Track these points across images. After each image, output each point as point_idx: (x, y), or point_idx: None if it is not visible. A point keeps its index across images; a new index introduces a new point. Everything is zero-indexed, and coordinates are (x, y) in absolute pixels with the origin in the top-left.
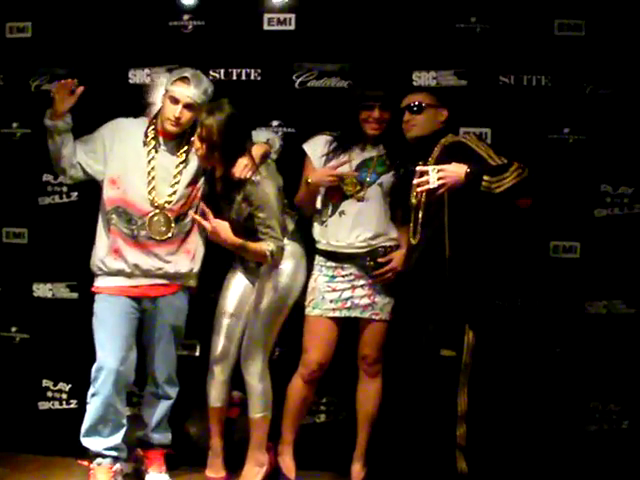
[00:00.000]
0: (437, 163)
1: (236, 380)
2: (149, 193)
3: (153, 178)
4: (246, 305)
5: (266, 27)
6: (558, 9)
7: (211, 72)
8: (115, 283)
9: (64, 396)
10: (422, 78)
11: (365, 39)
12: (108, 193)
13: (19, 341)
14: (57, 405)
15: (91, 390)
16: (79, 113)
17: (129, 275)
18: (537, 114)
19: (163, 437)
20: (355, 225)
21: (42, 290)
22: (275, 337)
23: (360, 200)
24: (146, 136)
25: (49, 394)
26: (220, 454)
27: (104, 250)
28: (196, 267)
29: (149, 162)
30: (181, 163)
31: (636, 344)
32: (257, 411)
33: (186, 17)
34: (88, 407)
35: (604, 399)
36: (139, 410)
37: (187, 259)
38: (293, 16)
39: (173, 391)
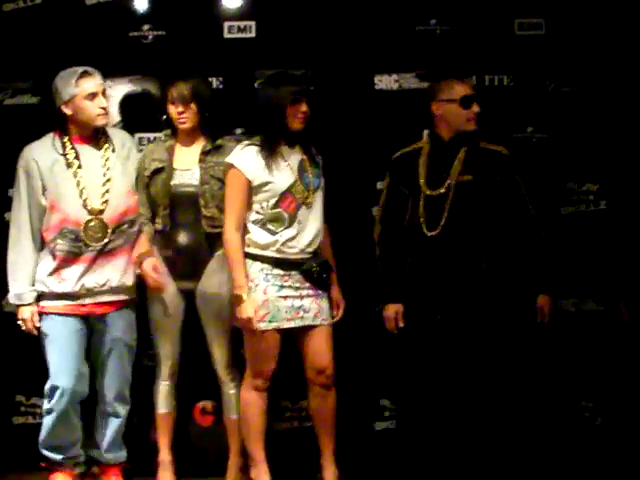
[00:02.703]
0: (469, 171)
1: (206, 389)
2: (83, 201)
3: (84, 188)
4: (179, 310)
5: (227, 35)
6: (518, 9)
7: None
8: (61, 303)
9: (38, 410)
10: (384, 81)
11: (326, 44)
12: (50, 221)
13: None
14: (31, 420)
15: (46, 406)
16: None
17: (75, 296)
18: (501, 114)
19: (118, 456)
20: (307, 231)
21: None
22: None
23: (309, 206)
24: (64, 148)
25: (22, 409)
26: (170, 467)
27: (46, 271)
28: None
29: (75, 173)
30: (106, 161)
31: (605, 341)
32: (235, 412)
33: (146, 27)
34: (44, 422)
35: (577, 395)
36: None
37: (130, 271)
38: (253, 23)
39: (123, 409)
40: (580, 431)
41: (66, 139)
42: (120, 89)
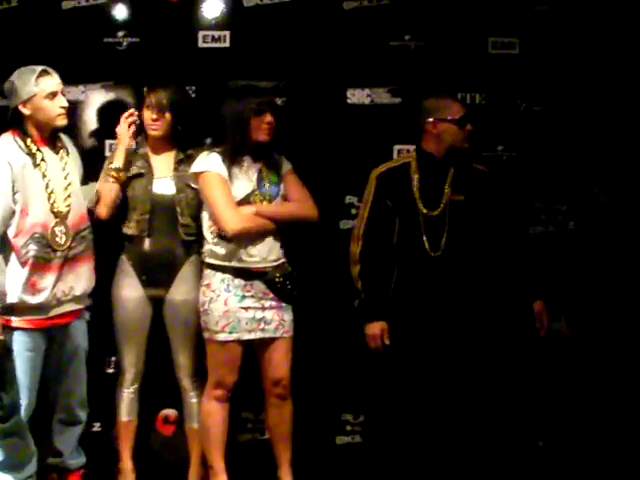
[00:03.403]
0: (459, 191)
1: (169, 398)
2: (51, 204)
3: (52, 191)
4: (146, 317)
5: (201, 44)
6: (492, 27)
7: (146, 89)
8: (29, 317)
9: None
10: (356, 95)
11: (300, 57)
12: (20, 224)
13: None
14: None
15: (2, 428)
16: None
17: (46, 308)
18: (472, 131)
19: (80, 460)
20: (267, 240)
21: None
22: None
23: None
24: (28, 149)
25: None
26: (131, 475)
27: (19, 286)
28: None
29: (43, 175)
30: (65, 164)
31: (572, 363)
32: (197, 421)
33: (121, 34)
34: (2, 445)
35: None
36: None
37: (91, 278)
38: (228, 33)
39: (85, 414)
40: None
41: (29, 140)
42: (93, 95)
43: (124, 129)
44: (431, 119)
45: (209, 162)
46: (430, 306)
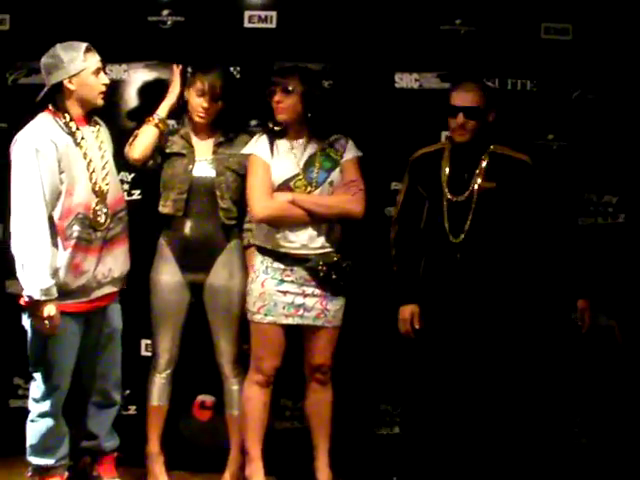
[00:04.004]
0: (492, 178)
1: (206, 383)
2: (93, 184)
3: (94, 171)
4: (184, 302)
5: (247, 24)
6: (545, 12)
7: (189, 69)
8: (71, 301)
9: None
10: (404, 80)
11: (348, 39)
12: (65, 204)
13: None
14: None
15: (39, 409)
16: None
17: (87, 290)
18: (522, 119)
19: (114, 443)
20: (307, 227)
21: (15, 287)
22: None
23: None
24: (69, 128)
25: (20, 392)
26: (160, 460)
27: (62, 269)
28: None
29: (84, 155)
30: (101, 143)
31: (615, 356)
32: (237, 408)
33: (165, 12)
34: (35, 427)
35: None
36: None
37: (127, 260)
38: (274, 14)
39: (119, 396)
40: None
41: (68, 118)
42: (136, 74)
43: (177, 81)
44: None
45: (255, 145)
46: (452, 292)
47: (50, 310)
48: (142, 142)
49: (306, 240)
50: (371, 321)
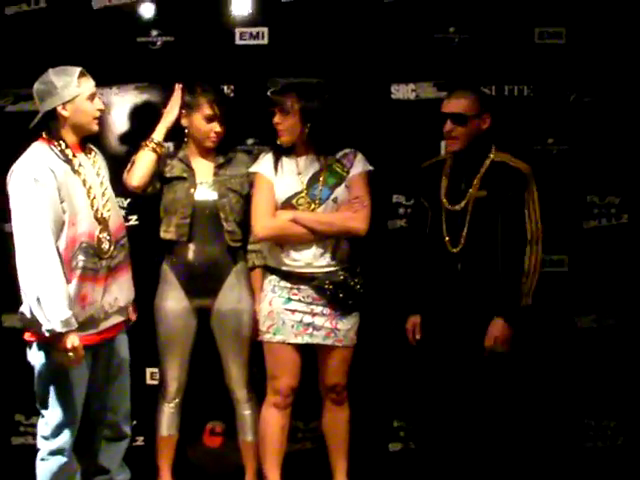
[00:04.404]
0: (485, 187)
1: (214, 409)
2: (94, 211)
3: (94, 198)
4: (191, 329)
5: (238, 42)
6: (538, 17)
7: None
8: (81, 333)
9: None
10: (401, 91)
11: (341, 52)
12: (69, 234)
13: None
14: (31, 440)
15: (49, 447)
16: None
17: (95, 322)
18: (520, 125)
19: (125, 476)
20: (312, 246)
21: (11, 320)
22: None
23: None
24: (65, 156)
25: (22, 429)
26: None
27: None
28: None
29: (83, 182)
30: (99, 170)
31: (627, 357)
32: (251, 433)
33: (154, 33)
34: (46, 466)
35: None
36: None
37: (131, 288)
38: (266, 30)
39: (129, 428)
40: (603, 450)
41: (64, 146)
42: (126, 96)
43: (176, 101)
44: None
45: (260, 163)
46: (451, 302)
47: (73, 341)
48: (140, 169)
49: (310, 258)
50: (381, 336)
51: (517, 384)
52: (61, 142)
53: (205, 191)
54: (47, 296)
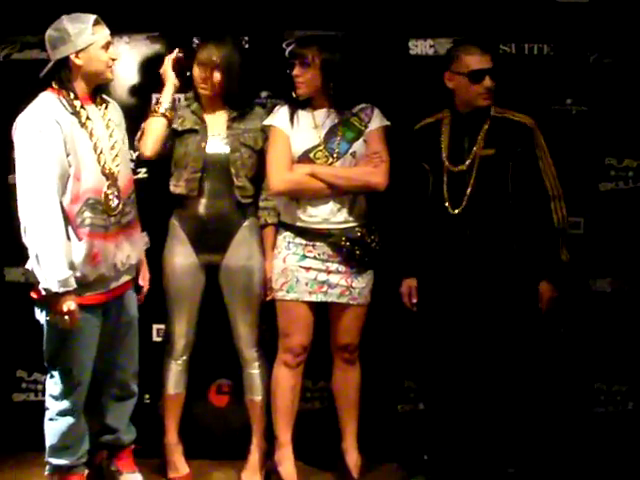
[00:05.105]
0: (491, 144)
1: (221, 368)
2: (101, 166)
3: (101, 152)
4: (199, 285)
5: None
6: None
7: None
8: (90, 293)
9: (39, 387)
10: (419, 47)
11: (359, 5)
12: (74, 190)
13: None
14: (33, 397)
15: (58, 407)
16: None
17: (106, 281)
18: (539, 84)
19: (132, 434)
20: (330, 201)
21: (13, 274)
22: None
23: None
24: (73, 108)
25: (24, 385)
26: (179, 450)
27: (78, 260)
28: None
29: (90, 135)
30: (109, 122)
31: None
32: (259, 393)
33: None
34: (55, 426)
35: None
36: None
37: (142, 244)
38: None
39: (136, 386)
40: (613, 415)
41: (72, 96)
42: (137, 47)
43: (168, 67)
44: (447, 71)
45: (275, 116)
46: (452, 265)
47: (69, 304)
48: (152, 137)
49: (327, 214)
50: (392, 296)
51: (532, 346)
52: (70, 93)
53: (217, 145)
54: (46, 253)
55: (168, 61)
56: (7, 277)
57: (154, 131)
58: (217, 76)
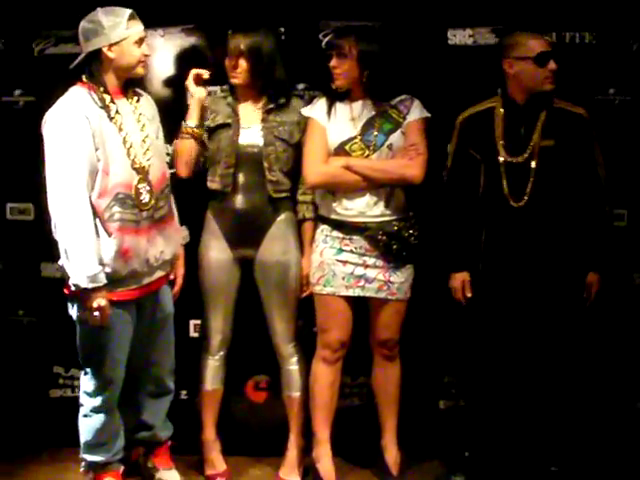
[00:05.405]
0: (550, 135)
1: (259, 363)
2: (131, 160)
3: (131, 146)
4: (234, 279)
5: None
6: None
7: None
8: (122, 288)
9: (76, 383)
10: (457, 36)
11: None
12: (102, 184)
13: (27, 324)
14: (69, 393)
15: (92, 404)
16: None
17: (138, 276)
18: (581, 73)
19: (168, 430)
20: (366, 193)
21: (50, 270)
22: None
23: None
24: (102, 102)
25: (60, 381)
26: (216, 446)
27: (109, 255)
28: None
29: (119, 129)
30: (140, 116)
31: None
32: (296, 389)
33: None
34: (89, 422)
35: None
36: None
37: (177, 239)
38: None
39: (173, 383)
40: None
41: (101, 90)
42: (172, 39)
43: (190, 82)
44: (507, 58)
45: (312, 107)
46: (515, 259)
47: (100, 301)
48: (184, 159)
49: (363, 207)
50: (432, 290)
51: (579, 340)
52: (100, 86)
53: (250, 137)
54: (75, 249)
55: (192, 77)
56: (43, 273)
57: (185, 153)
58: (243, 64)
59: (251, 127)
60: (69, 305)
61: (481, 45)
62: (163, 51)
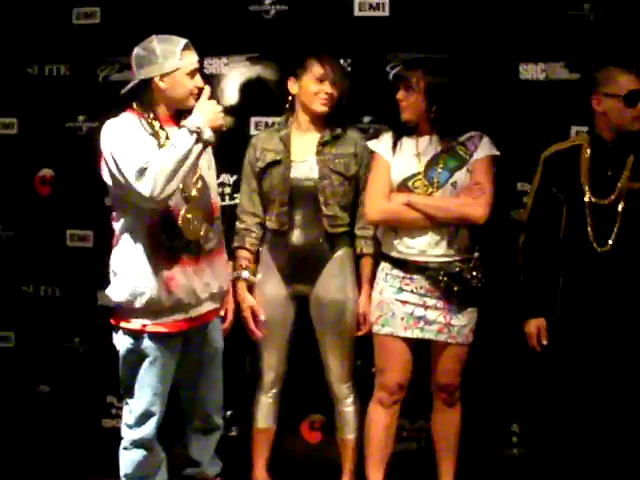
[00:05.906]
0: (636, 173)
1: (314, 402)
2: (180, 188)
3: None
4: (289, 316)
5: (357, 13)
6: None
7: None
8: (166, 319)
9: None
10: (529, 71)
11: (467, 27)
12: (148, 213)
13: (82, 352)
14: None
15: (132, 436)
16: None
17: (184, 307)
18: None
19: (216, 468)
20: (428, 232)
21: (105, 298)
22: None
23: None
24: (152, 128)
25: (113, 411)
26: None
27: (153, 285)
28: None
29: None
30: None
31: None
32: (351, 431)
33: (268, 1)
34: (129, 455)
35: None
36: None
37: (227, 272)
38: (387, 0)
39: (221, 419)
40: None
41: (151, 116)
42: (237, 68)
43: (247, 294)
44: (596, 94)
45: (378, 141)
46: (596, 306)
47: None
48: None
49: (425, 246)
50: (497, 335)
51: None
52: (151, 114)
53: (304, 171)
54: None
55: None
56: (100, 301)
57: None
58: (334, 92)
59: (306, 160)
60: (114, 335)
61: (553, 80)
62: (226, 79)
